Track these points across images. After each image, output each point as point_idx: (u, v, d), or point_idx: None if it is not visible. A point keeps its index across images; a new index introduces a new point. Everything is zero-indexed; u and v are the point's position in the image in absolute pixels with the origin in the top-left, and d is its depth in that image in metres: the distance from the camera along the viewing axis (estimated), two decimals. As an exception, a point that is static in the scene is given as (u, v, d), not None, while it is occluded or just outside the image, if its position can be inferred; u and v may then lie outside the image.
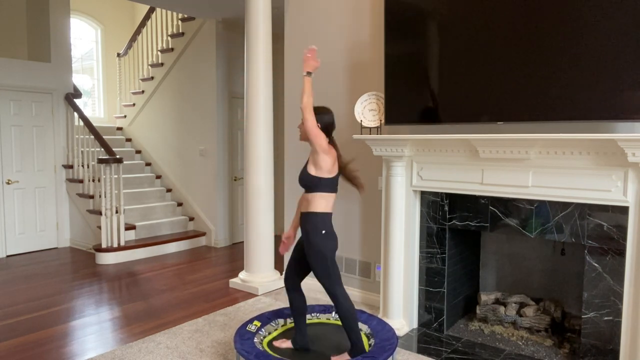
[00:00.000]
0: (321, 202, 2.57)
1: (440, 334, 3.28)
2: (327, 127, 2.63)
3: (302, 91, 2.57)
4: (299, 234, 3.05)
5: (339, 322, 3.06)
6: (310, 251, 2.55)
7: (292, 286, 2.74)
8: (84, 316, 3.64)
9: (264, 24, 4.08)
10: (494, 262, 3.65)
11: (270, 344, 2.80)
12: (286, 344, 2.77)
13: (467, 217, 3.11)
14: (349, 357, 2.59)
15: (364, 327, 2.91)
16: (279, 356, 2.55)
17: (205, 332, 3.30)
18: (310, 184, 2.58)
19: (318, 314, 3.17)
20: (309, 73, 2.57)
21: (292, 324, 3.05)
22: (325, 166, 2.55)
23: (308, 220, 2.57)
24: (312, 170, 2.57)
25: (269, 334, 2.93)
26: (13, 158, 5.54)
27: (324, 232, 2.54)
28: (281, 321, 3.04)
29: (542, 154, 2.72)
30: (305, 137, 2.62)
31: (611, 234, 2.57)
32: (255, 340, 2.73)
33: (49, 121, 5.85)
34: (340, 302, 2.54)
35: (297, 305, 2.74)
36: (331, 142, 2.66)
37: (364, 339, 2.81)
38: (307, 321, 3.06)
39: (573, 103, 2.54)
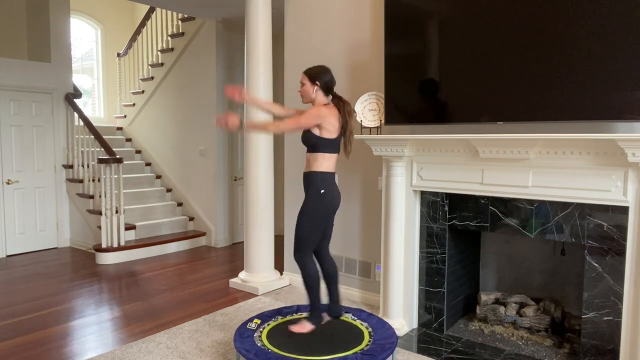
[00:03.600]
0: (322, 162, 2.63)
1: (440, 334, 3.28)
2: (327, 84, 2.71)
3: (261, 129, 2.62)
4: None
5: (345, 319, 3.04)
6: (303, 207, 2.64)
7: (322, 252, 2.82)
8: (84, 316, 3.64)
9: (264, 24, 4.08)
10: (494, 262, 3.65)
11: (270, 334, 2.77)
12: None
13: (467, 217, 3.11)
14: (310, 325, 2.70)
15: (364, 325, 2.91)
16: (278, 352, 2.55)
17: (205, 332, 3.30)
18: (312, 143, 2.63)
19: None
20: (241, 123, 2.59)
21: (292, 317, 3.05)
22: (332, 127, 2.61)
23: (309, 179, 2.64)
24: (315, 131, 2.62)
25: (268, 325, 2.92)
26: (13, 158, 5.54)
27: (322, 191, 2.60)
28: (280, 318, 3.03)
29: (542, 154, 2.72)
30: (307, 97, 2.72)
31: (611, 234, 2.57)
32: (255, 335, 2.74)
33: (49, 121, 5.85)
34: (305, 265, 2.64)
35: (328, 269, 2.83)
36: (334, 97, 2.73)
37: (365, 333, 2.81)
38: (302, 316, 3.06)
39: (573, 103, 2.54)
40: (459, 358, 2.93)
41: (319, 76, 2.68)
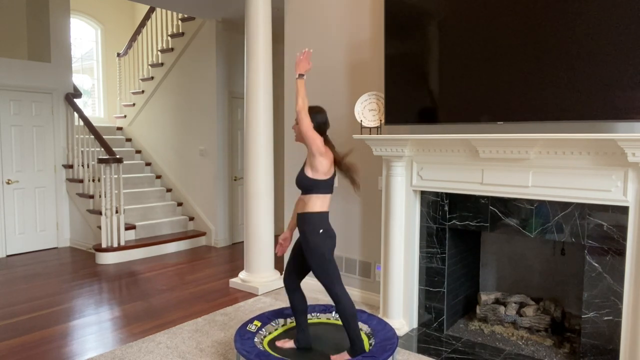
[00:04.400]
0: (317, 203, 2.60)
1: (440, 333, 3.28)
2: (321, 127, 2.64)
3: (296, 94, 2.59)
4: (296, 235, 3.04)
5: (339, 322, 3.06)
6: (308, 251, 2.56)
7: (292, 286, 2.75)
8: (84, 316, 3.64)
9: (264, 24, 4.08)
10: (494, 262, 3.65)
11: (271, 343, 2.80)
12: (289, 344, 2.77)
13: (467, 217, 3.11)
14: (348, 357, 2.59)
15: (364, 327, 2.92)
16: (279, 356, 2.55)
17: (205, 332, 3.30)
18: (307, 186, 2.60)
19: (318, 314, 3.17)
20: (301, 75, 2.59)
21: (293, 324, 3.05)
22: (322, 168, 2.56)
23: (305, 221, 2.59)
24: (309, 173, 2.59)
25: (269, 333, 2.93)
26: (13, 158, 5.54)
27: (321, 231, 2.56)
28: (281, 321, 3.04)
29: (542, 154, 2.72)
30: (300, 138, 2.63)
31: (611, 233, 2.57)
32: (256, 339, 2.73)
33: (49, 121, 5.85)
34: (340, 300, 2.55)
35: (298, 304, 2.75)
36: (326, 141, 2.67)
37: (364, 338, 2.81)
38: (308, 321, 3.06)
39: (573, 103, 2.54)
40: (459, 358, 2.93)
41: (314, 116, 2.61)
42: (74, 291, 4.23)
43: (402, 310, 3.38)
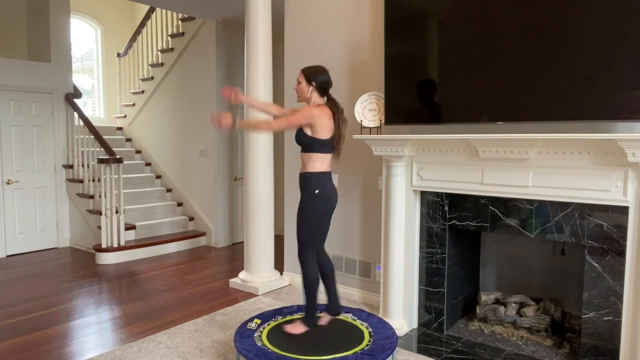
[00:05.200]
0: (316, 162, 2.62)
1: (440, 334, 3.28)
2: (323, 86, 2.68)
3: (253, 127, 2.62)
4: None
5: (339, 318, 3.05)
6: (299, 208, 2.63)
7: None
8: (84, 316, 3.64)
9: (264, 24, 4.08)
10: (494, 262, 3.65)
11: (270, 334, 2.78)
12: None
13: (467, 217, 3.11)
14: (303, 326, 2.69)
15: (364, 325, 2.91)
16: (278, 351, 2.55)
17: (205, 332, 3.30)
18: (306, 143, 2.63)
19: (318, 312, 3.16)
20: (234, 122, 2.57)
21: (292, 319, 3.05)
22: (323, 129, 2.59)
23: (303, 180, 2.64)
24: (308, 131, 2.61)
25: (268, 324, 2.92)
26: (13, 158, 5.54)
27: (316, 192, 2.59)
28: (280, 318, 3.03)
29: (542, 154, 2.72)
30: (302, 96, 2.71)
31: (611, 234, 2.57)
32: (255, 335, 2.74)
33: (49, 121, 5.85)
34: (306, 265, 2.63)
35: (323, 271, 2.81)
36: (329, 99, 2.71)
37: (365, 333, 2.81)
38: (298, 317, 3.06)
39: (573, 103, 2.54)
40: (459, 358, 2.93)
41: (316, 76, 2.66)
42: (73, 291, 4.23)
43: (402, 311, 3.38)
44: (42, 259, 5.41)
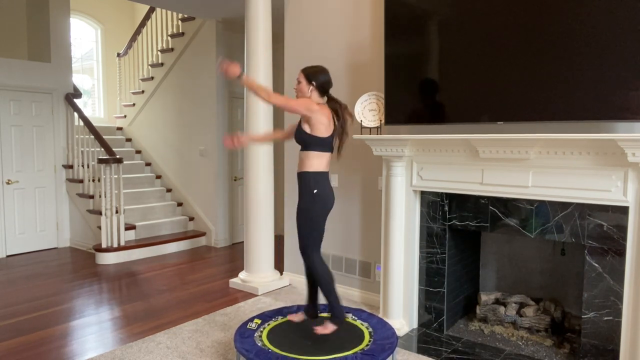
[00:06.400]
0: (314, 161, 2.60)
1: (440, 334, 3.28)
2: (323, 86, 2.67)
3: (252, 91, 2.55)
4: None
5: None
6: (298, 209, 2.62)
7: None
8: (84, 316, 3.64)
9: (264, 24, 4.08)
10: (494, 262, 3.65)
11: (270, 334, 2.78)
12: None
13: (467, 217, 3.11)
14: (332, 326, 2.65)
15: (364, 325, 2.91)
16: (278, 352, 2.55)
17: (205, 332, 3.30)
18: (305, 141, 2.62)
19: (320, 311, 3.16)
20: (240, 75, 2.53)
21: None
22: (320, 126, 2.57)
23: (301, 179, 2.63)
24: (306, 129, 2.61)
25: (268, 325, 2.92)
26: (13, 158, 5.54)
27: (315, 191, 2.58)
28: (280, 318, 3.03)
29: (542, 154, 2.72)
30: (302, 96, 2.68)
31: (611, 234, 2.57)
32: (255, 335, 2.74)
33: (49, 121, 5.85)
34: (314, 267, 2.60)
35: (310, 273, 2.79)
36: (330, 99, 2.70)
37: (365, 333, 2.81)
38: (325, 316, 3.07)
39: (573, 103, 2.54)
40: (459, 358, 2.93)
41: (316, 76, 2.65)
42: (74, 291, 4.23)
43: (402, 311, 3.38)
44: (42, 259, 5.41)
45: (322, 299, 2.84)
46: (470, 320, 3.47)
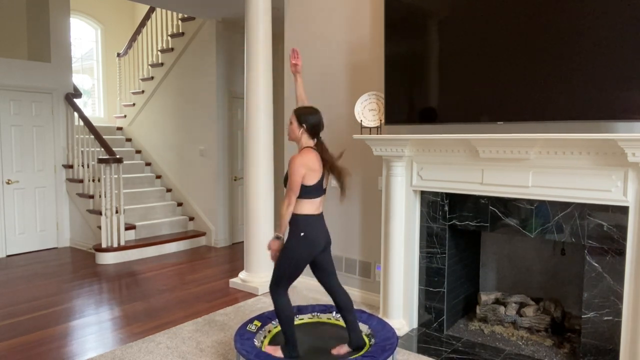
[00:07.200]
0: (306, 205, 2.57)
1: (440, 334, 3.28)
2: (314, 128, 2.62)
3: (284, 218, 2.57)
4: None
5: (340, 322, 3.06)
6: (283, 247, 2.59)
7: (328, 290, 2.75)
8: (84, 316, 3.64)
9: (264, 24, 4.08)
10: (494, 262, 3.65)
11: (271, 343, 2.79)
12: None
13: (467, 217, 3.11)
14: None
15: (364, 327, 2.91)
16: (279, 356, 2.55)
17: (205, 332, 3.30)
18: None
19: (318, 313, 3.17)
20: (278, 237, 2.62)
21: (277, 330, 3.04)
22: (307, 178, 2.54)
23: (291, 221, 2.59)
24: None
25: (269, 332, 2.93)
26: (13, 158, 5.54)
27: (302, 234, 2.55)
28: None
29: (542, 154, 2.72)
30: (293, 137, 2.66)
31: (611, 233, 2.57)
32: (255, 340, 2.73)
33: (49, 121, 5.85)
34: (276, 302, 2.61)
35: (338, 303, 2.74)
36: (318, 142, 2.65)
37: (365, 338, 2.81)
38: (308, 320, 3.07)
39: (573, 103, 2.54)
40: (459, 358, 2.93)
41: (306, 117, 2.60)
42: (74, 291, 4.23)
43: (402, 311, 3.38)
44: (42, 259, 5.41)
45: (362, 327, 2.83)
46: (470, 320, 3.47)
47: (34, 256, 5.52)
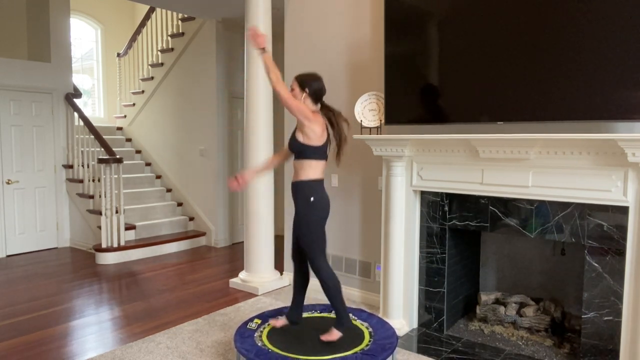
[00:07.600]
0: (310, 170, 2.60)
1: (440, 334, 3.28)
2: (317, 93, 2.65)
3: (266, 70, 2.54)
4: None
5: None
6: (297, 219, 2.62)
7: (296, 260, 2.81)
8: (84, 316, 3.64)
9: (264, 24, 4.08)
10: (494, 262, 3.65)
11: (270, 334, 2.79)
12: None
13: (467, 217, 3.11)
14: (337, 332, 2.65)
15: (364, 325, 2.91)
16: (278, 352, 2.55)
17: (205, 332, 3.30)
18: (300, 150, 2.61)
19: (319, 312, 3.16)
20: (263, 49, 2.55)
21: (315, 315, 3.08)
22: (313, 135, 2.57)
23: (297, 189, 2.62)
24: (300, 138, 2.60)
25: (268, 324, 2.93)
26: (13, 158, 5.54)
27: (312, 199, 2.58)
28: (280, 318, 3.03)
29: (542, 154, 2.72)
30: (294, 103, 2.64)
31: (611, 234, 2.57)
32: (255, 335, 2.74)
33: (49, 121, 5.85)
34: (320, 273, 2.59)
35: (297, 279, 2.82)
36: (323, 106, 2.69)
37: (365, 333, 2.81)
38: (309, 315, 3.08)
39: (573, 103, 2.54)
40: (459, 358, 2.93)
41: (309, 83, 2.62)
42: (74, 291, 4.23)
43: (402, 311, 3.38)
44: (42, 259, 5.41)
45: (306, 305, 2.90)
46: (470, 320, 3.47)
47: (34, 256, 5.52)
